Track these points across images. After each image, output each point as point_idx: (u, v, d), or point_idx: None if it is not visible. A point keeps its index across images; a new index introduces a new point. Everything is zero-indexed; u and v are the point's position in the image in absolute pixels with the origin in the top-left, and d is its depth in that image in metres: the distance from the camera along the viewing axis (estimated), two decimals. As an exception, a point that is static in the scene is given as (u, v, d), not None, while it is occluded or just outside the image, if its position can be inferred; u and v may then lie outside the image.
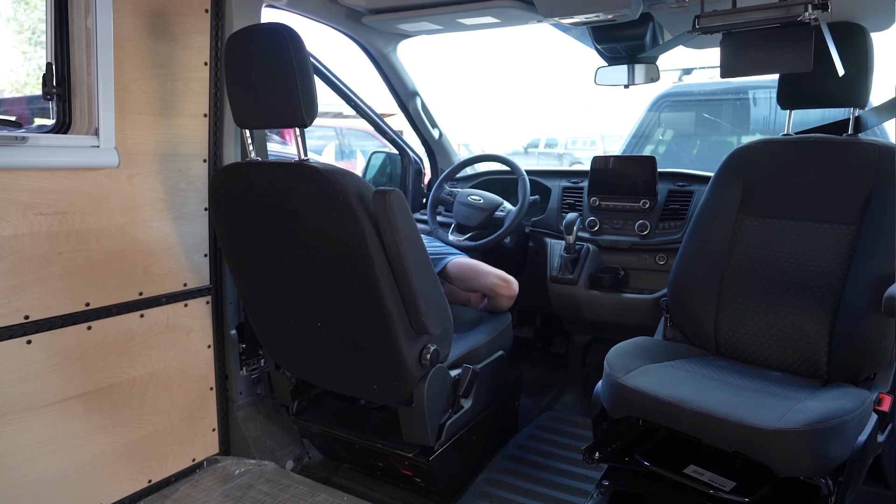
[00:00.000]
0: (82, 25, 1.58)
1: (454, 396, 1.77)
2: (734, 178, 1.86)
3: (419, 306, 1.54)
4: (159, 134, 1.81)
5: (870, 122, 1.82)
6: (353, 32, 2.45)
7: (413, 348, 1.60)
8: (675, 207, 2.36)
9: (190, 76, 1.86)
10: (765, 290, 1.76)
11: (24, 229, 1.53)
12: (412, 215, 1.55)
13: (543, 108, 37.66)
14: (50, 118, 1.64)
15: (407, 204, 1.52)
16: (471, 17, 2.16)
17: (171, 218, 1.86)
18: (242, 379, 2.09)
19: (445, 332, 1.70)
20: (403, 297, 1.55)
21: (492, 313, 2.17)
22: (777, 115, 3.81)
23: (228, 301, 2.04)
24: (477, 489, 1.90)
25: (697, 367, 1.68)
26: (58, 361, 1.62)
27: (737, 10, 1.57)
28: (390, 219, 1.46)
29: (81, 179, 1.63)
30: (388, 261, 1.50)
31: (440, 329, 1.64)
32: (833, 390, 1.51)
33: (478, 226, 2.52)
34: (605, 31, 2.13)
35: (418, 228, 1.57)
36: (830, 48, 1.56)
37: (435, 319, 1.60)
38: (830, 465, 1.32)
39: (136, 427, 1.83)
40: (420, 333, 1.61)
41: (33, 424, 1.59)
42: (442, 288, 1.67)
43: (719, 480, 1.52)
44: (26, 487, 1.58)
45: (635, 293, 2.33)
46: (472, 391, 1.81)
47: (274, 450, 2.08)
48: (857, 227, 1.67)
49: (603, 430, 1.67)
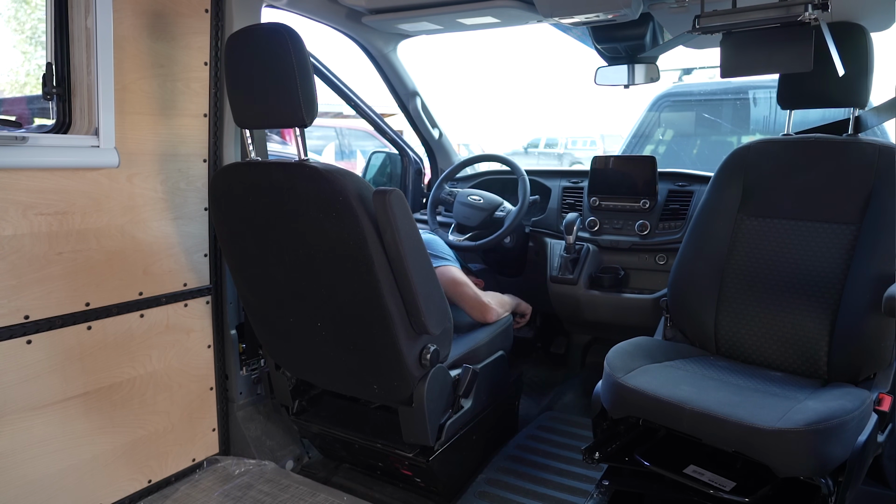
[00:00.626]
0: (82, 25, 1.58)
1: (454, 396, 1.77)
2: (734, 178, 1.86)
3: (419, 306, 1.54)
4: (159, 134, 1.81)
5: (870, 122, 1.82)
6: (353, 32, 2.45)
7: (413, 348, 1.60)
8: (675, 207, 2.36)
9: (190, 76, 1.86)
10: (765, 290, 1.76)
11: (24, 229, 1.53)
12: (412, 215, 1.54)
13: (543, 108, 37.69)
14: (50, 118, 1.64)
15: (407, 204, 1.52)
16: (471, 17, 2.16)
17: (171, 218, 1.86)
18: (242, 379, 2.09)
19: (445, 332, 1.70)
20: (403, 297, 1.54)
21: None
22: (777, 115, 3.81)
23: (228, 301, 2.04)
24: (477, 489, 1.90)
25: (697, 367, 1.68)
26: (58, 361, 1.62)
27: (737, 10, 1.57)
28: (390, 219, 1.46)
29: (81, 179, 1.63)
30: (388, 261, 1.50)
31: (440, 329, 1.64)
32: (833, 390, 1.51)
33: (478, 226, 2.52)
34: (605, 31, 2.13)
35: (418, 228, 1.57)
36: (830, 48, 1.56)
37: (435, 319, 1.60)
38: (830, 465, 1.32)
39: (136, 427, 1.83)
40: (420, 333, 1.61)
41: (33, 424, 1.59)
42: (442, 288, 1.67)
43: (719, 480, 1.52)
44: (26, 487, 1.58)
45: (635, 293, 2.33)
46: (472, 391, 1.80)
47: (274, 450, 2.08)
48: (856, 227, 1.67)
49: (603, 430, 1.67)
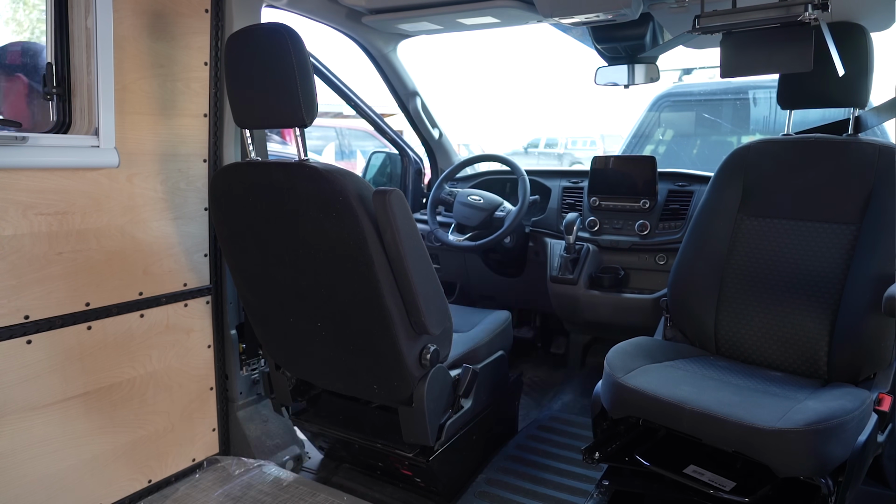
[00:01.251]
0: (82, 25, 1.58)
1: (454, 396, 1.77)
2: (734, 178, 1.86)
3: (419, 306, 1.54)
4: (159, 134, 1.81)
5: (870, 122, 1.82)
6: (353, 32, 2.45)
7: (413, 348, 1.60)
8: (675, 207, 2.36)
9: (190, 76, 1.86)
10: (765, 290, 1.76)
11: (24, 229, 1.53)
12: (412, 215, 1.54)
13: (543, 108, 37.69)
14: (50, 118, 1.64)
15: (407, 204, 1.52)
16: (471, 17, 2.16)
17: (171, 218, 1.86)
18: (242, 379, 2.09)
19: (445, 332, 1.70)
20: (403, 297, 1.55)
21: (490, 314, 2.16)
22: (777, 115, 3.81)
23: (228, 301, 2.04)
24: (477, 489, 1.90)
25: (697, 367, 1.68)
26: (58, 361, 1.62)
27: (737, 10, 1.57)
28: (390, 219, 1.46)
29: (81, 179, 1.63)
30: (388, 261, 1.51)
31: (440, 329, 1.64)
32: (833, 390, 1.51)
33: (478, 226, 2.52)
34: (605, 31, 2.13)
35: (418, 229, 1.57)
36: (830, 48, 1.56)
37: (435, 319, 1.60)
38: (830, 465, 1.32)
39: (136, 427, 1.83)
40: (420, 333, 1.61)
41: (33, 424, 1.59)
42: (441, 288, 1.67)
43: (719, 480, 1.52)
44: (26, 487, 1.58)
45: (635, 293, 2.33)
46: (472, 391, 1.80)
47: (274, 450, 2.08)
48: (856, 227, 1.67)
49: (603, 430, 1.67)
